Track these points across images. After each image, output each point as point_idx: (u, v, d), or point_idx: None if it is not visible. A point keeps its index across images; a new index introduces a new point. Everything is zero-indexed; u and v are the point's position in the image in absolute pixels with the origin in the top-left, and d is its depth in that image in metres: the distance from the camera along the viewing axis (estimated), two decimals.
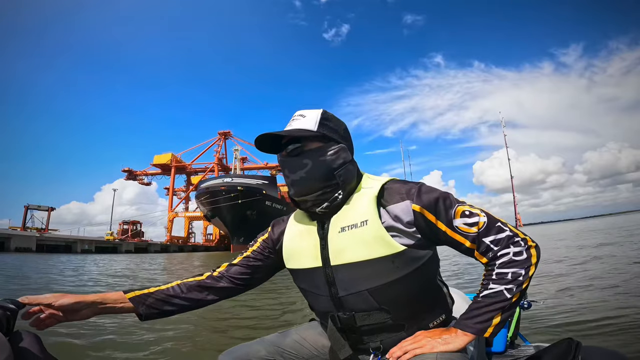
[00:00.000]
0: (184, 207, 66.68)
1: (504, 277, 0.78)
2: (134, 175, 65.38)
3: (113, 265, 11.88)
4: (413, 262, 0.84)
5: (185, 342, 2.74)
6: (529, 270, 0.79)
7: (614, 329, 2.39)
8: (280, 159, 0.95)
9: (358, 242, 0.85)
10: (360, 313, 0.87)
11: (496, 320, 0.77)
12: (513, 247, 0.80)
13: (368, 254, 0.83)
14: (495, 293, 0.78)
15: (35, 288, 6.36)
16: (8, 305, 0.75)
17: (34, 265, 13.19)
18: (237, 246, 41.88)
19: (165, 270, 12.24)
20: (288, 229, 1.03)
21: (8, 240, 28.36)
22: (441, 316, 0.91)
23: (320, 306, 0.95)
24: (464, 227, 0.82)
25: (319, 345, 1.03)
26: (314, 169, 0.89)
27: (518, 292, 0.78)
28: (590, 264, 6.46)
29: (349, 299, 0.87)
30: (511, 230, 0.82)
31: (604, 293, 3.69)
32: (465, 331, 0.79)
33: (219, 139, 65.18)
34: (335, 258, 0.87)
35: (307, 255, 0.93)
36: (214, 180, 43.55)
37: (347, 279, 0.87)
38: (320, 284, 0.91)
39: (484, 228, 0.81)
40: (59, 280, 7.29)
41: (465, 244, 0.83)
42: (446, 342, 0.78)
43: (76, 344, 2.55)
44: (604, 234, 16.17)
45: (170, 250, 50.30)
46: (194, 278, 1.02)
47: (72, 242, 36.31)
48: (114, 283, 7.36)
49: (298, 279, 1.00)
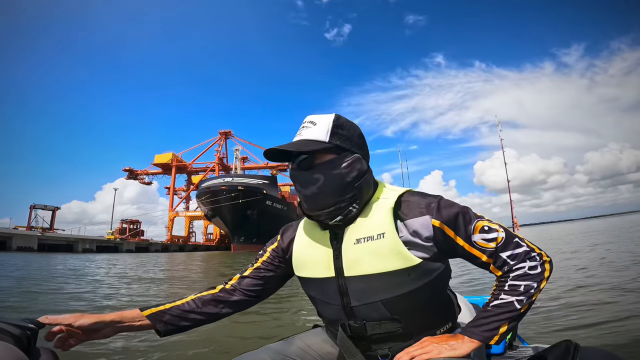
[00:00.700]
0: (185, 207, 66.76)
1: (517, 289, 0.80)
2: (135, 175, 65.43)
3: (128, 270, 11.01)
4: (428, 274, 0.85)
5: (189, 352, 2.74)
6: (540, 284, 0.80)
7: (612, 331, 2.41)
8: (291, 172, 0.91)
9: (374, 254, 0.84)
10: (372, 322, 0.87)
11: (503, 329, 0.79)
12: (529, 261, 0.81)
13: (384, 267, 0.83)
14: (506, 303, 0.80)
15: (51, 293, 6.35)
16: (28, 325, 0.76)
17: (42, 264, 13.11)
18: (238, 246, 41.91)
19: (187, 272, 12.04)
20: (298, 237, 1.01)
21: (10, 240, 28.38)
22: (448, 324, 0.93)
23: (331, 315, 0.94)
24: (482, 242, 0.83)
25: (323, 352, 1.02)
26: (327, 184, 0.86)
27: (528, 303, 0.79)
28: (588, 264, 6.48)
29: (362, 309, 0.87)
30: (528, 245, 0.83)
31: (603, 294, 3.70)
32: (472, 338, 0.80)
33: (219, 139, 65.23)
34: (350, 269, 0.86)
35: (319, 265, 0.92)
36: (215, 180, 43.59)
37: (360, 290, 0.86)
38: (332, 293, 0.90)
39: (502, 243, 0.82)
40: (76, 296, 6.38)
41: (482, 258, 0.84)
42: (453, 348, 0.78)
43: (86, 356, 2.57)
44: (602, 235, 16.13)
45: (171, 250, 50.25)
46: (208, 292, 1.02)
47: (73, 241, 36.32)
48: (140, 293, 6.46)
49: (308, 287, 0.99)
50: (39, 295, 5.37)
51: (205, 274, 10.68)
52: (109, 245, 41.18)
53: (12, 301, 4.84)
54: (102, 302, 5.14)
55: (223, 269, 11.96)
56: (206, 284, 7.01)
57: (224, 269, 12.16)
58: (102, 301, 5.19)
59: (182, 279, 8.82)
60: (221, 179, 43.18)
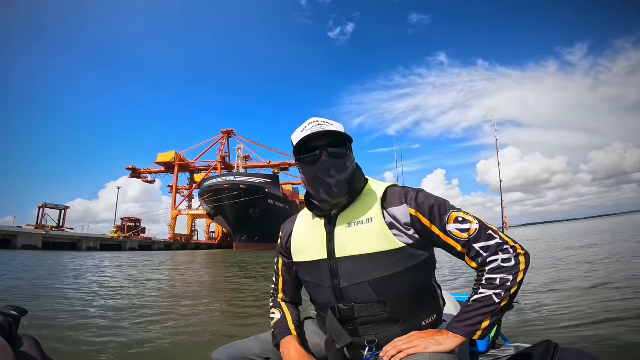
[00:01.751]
0: (187, 205, 67.00)
1: (493, 282, 0.83)
2: (138, 173, 65.94)
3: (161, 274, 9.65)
4: (411, 259, 0.92)
5: (179, 339, 2.80)
6: (517, 277, 0.83)
7: (591, 332, 2.50)
8: (322, 160, 0.95)
9: (362, 236, 0.93)
10: (360, 304, 0.93)
11: (485, 324, 0.83)
12: (502, 254, 0.85)
13: (371, 248, 0.91)
14: (485, 298, 0.83)
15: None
16: (10, 312, 0.81)
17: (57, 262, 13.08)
18: (240, 244, 42.12)
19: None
20: (296, 227, 1.11)
21: (15, 238, 28.70)
22: (433, 316, 0.98)
23: (323, 298, 1.01)
24: (457, 232, 0.89)
25: (312, 344, 1.09)
26: (351, 172, 0.98)
27: (506, 297, 0.82)
28: (575, 266, 6.54)
29: (350, 290, 0.94)
30: (501, 238, 0.87)
31: (586, 296, 3.76)
32: (456, 333, 0.84)
33: (221, 138, 65.56)
34: (340, 251, 0.95)
35: (314, 248, 1.01)
36: (218, 179, 43.93)
37: (350, 271, 0.93)
38: (325, 275, 0.98)
39: (474, 234, 0.87)
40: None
41: (457, 248, 0.90)
42: (438, 343, 0.83)
43: (71, 346, 2.62)
44: (596, 236, 16.05)
45: (174, 248, 50.62)
46: (284, 305, 1.16)
47: (78, 239, 36.67)
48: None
49: (303, 271, 1.07)
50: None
51: (231, 275, 9.53)
52: (112, 243, 41.51)
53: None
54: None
55: (240, 272, 10.31)
56: (236, 287, 6.90)
57: (240, 271, 10.71)
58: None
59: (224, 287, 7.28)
60: (223, 178, 43.54)
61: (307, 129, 0.97)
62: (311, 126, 0.97)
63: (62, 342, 2.70)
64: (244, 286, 6.81)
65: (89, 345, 2.66)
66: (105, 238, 42.59)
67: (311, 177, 0.98)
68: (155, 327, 3.30)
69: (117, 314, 3.95)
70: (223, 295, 5.64)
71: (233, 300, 5.14)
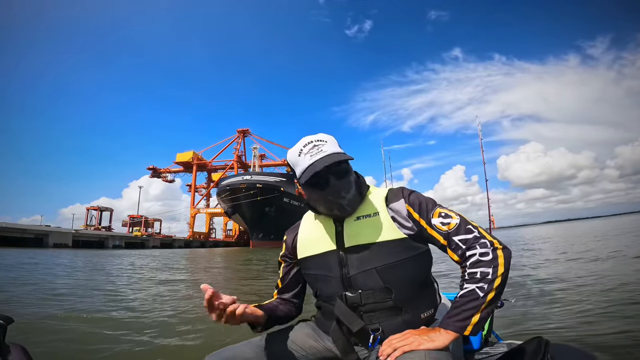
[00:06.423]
0: (205, 204, 68.63)
1: (474, 276, 0.87)
2: (158, 173, 67.92)
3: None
4: (412, 249, 0.99)
5: (171, 343, 2.67)
6: (496, 270, 0.86)
7: (583, 329, 2.55)
8: (330, 184, 0.98)
9: (370, 227, 1.00)
10: (367, 291, 0.98)
11: (475, 319, 0.84)
12: (479, 247, 0.90)
13: (379, 237, 0.98)
14: (470, 292, 0.86)
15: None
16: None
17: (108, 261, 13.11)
18: (256, 242, 43.02)
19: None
20: (302, 227, 1.16)
21: (47, 237, 30.09)
22: (430, 310, 1.02)
23: (330, 289, 1.04)
24: (440, 225, 0.97)
25: (306, 346, 1.08)
26: (356, 186, 1.05)
27: (490, 290, 0.85)
28: (569, 263, 6.47)
29: (358, 277, 0.99)
30: (480, 232, 0.94)
31: (577, 294, 3.76)
32: (447, 329, 0.85)
33: (237, 137, 66.54)
34: (350, 241, 1.01)
35: (323, 242, 1.06)
36: (234, 178, 44.91)
37: (359, 259, 0.99)
38: (333, 265, 1.02)
39: (454, 228, 0.95)
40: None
41: (440, 241, 0.97)
42: (432, 340, 0.84)
43: (60, 352, 2.44)
44: (600, 237, 15.38)
45: (193, 246, 51.72)
46: (273, 299, 1.20)
47: (105, 238, 38.20)
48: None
49: (310, 266, 1.10)
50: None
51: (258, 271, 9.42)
52: (136, 241, 43.04)
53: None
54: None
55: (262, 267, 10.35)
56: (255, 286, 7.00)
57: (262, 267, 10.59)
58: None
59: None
60: (240, 177, 44.48)
61: (305, 153, 0.99)
62: (307, 149, 0.99)
63: (45, 346, 2.48)
64: (255, 284, 6.41)
65: (75, 351, 2.46)
66: (129, 236, 44.28)
67: (322, 199, 1.01)
68: (146, 331, 2.99)
69: (102, 320, 3.50)
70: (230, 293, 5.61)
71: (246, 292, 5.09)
